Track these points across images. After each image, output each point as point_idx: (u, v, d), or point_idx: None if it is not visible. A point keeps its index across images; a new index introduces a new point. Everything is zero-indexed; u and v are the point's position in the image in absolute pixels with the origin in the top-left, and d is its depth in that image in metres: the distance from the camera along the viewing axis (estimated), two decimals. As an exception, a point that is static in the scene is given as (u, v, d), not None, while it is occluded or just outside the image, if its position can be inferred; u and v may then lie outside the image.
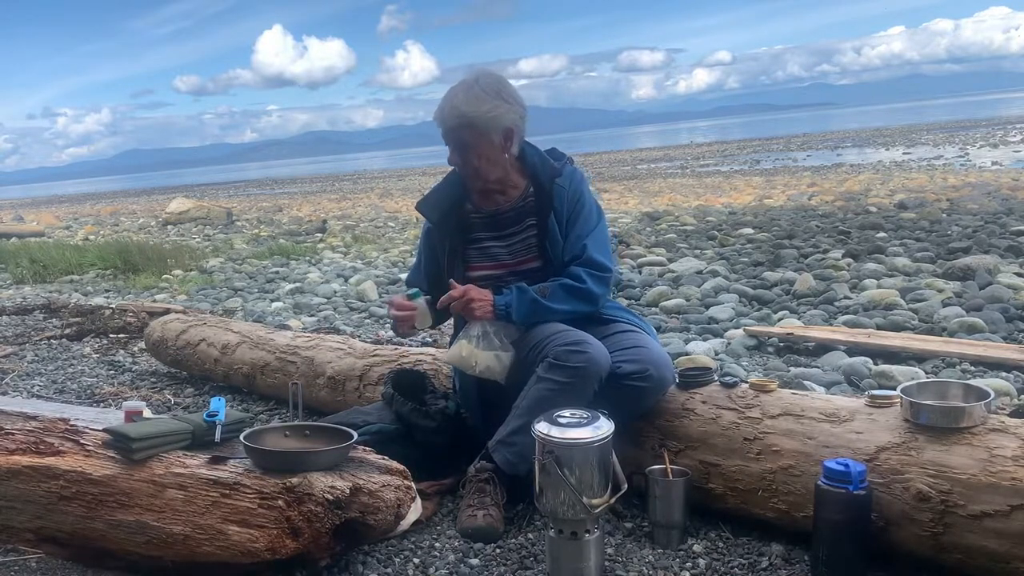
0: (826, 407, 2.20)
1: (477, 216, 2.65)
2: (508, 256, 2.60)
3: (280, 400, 3.67)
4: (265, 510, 1.99)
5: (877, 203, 11.73)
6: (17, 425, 2.36)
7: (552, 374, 2.31)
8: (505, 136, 2.51)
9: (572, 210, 2.55)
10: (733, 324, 5.19)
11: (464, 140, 2.49)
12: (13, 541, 2.31)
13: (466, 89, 2.47)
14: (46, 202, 46.82)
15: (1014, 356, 3.87)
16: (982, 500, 1.82)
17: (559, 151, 2.69)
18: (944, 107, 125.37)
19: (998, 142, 28.29)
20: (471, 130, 2.46)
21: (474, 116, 2.45)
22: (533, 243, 2.58)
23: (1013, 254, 6.99)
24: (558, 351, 2.32)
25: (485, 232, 2.64)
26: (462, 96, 2.46)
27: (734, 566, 2.13)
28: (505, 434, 2.43)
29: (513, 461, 2.40)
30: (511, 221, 2.61)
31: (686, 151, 44.22)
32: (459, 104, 2.45)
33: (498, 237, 2.62)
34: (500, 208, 2.62)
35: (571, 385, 2.28)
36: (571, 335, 2.36)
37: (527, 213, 2.59)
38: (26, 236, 16.89)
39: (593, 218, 2.58)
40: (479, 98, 2.45)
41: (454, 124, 2.47)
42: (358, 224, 15.13)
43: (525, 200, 2.60)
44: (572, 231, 2.54)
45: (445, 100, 2.49)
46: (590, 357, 2.30)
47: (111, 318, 6.15)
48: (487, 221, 2.63)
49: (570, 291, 2.48)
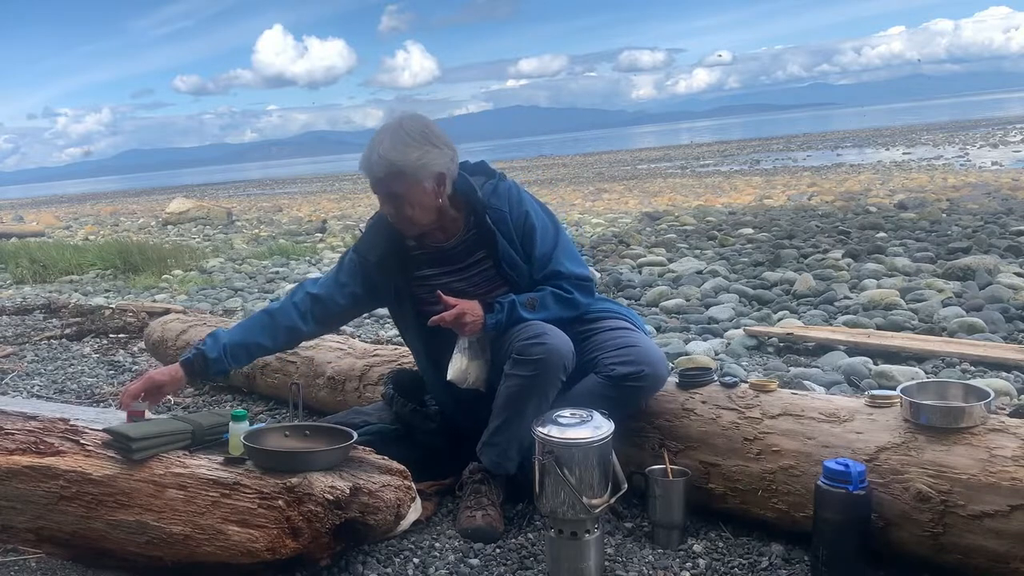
0: (826, 407, 2.20)
1: (421, 252, 2.54)
2: (471, 289, 2.49)
3: (280, 400, 3.67)
4: (265, 510, 2.00)
5: (877, 203, 11.73)
6: (17, 425, 2.36)
7: (516, 369, 2.31)
8: (437, 181, 2.36)
9: (522, 230, 2.45)
10: (733, 324, 5.19)
11: (394, 191, 2.34)
12: (13, 541, 2.31)
13: (392, 136, 2.33)
14: (46, 202, 46.82)
15: (1014, 356, 3.87)
16: (982, 500, 1.82)
17: (488, 166, 2.57)
18: (944, 107, 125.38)
19: (998, 142, 28.28)
20: (401, 180, 2.32)
21: (403, 165, 2.30)
22: (492, 273, 2.50)
23: (1013, 254, 6.99)
24: (519, 346, 2.30)
25: (434, 268, 2.53)
26: (388, 144, 2.31)
27: (734, 566, 2.13)
28: (488, 436, 2.44)
29: (498, 460, 2.41)
30: (461, 255, 2.51)
31: (686, 151, 44.23)
32: (386, 153, 2.30)
33: (453, 271, 2.52)
34: (445, 244, 2.51)
35: (535, 377, 2.27)
36: (531, 329, 2.33)
37: (475, 246, 2.49)
38: (26, 236, 16.90)
39: (550, 231, 2.50)
40: (407, 145, 2.31)
41: (382, 175, 2.33)
42: (358, 224, 15.12)
43: (468, 232, 2.49)
44: (534, 251, 2.45)
45: (370, 149, 2.35)
46: (549, 348, 2.28)
47: (111, 318, 6.16)
48: (435, 257, 2.53)
49: (558, 300, 2.44)
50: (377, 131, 2.41)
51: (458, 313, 2.34)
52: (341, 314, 2.67)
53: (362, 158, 2.38)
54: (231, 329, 2.61)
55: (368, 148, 2.37)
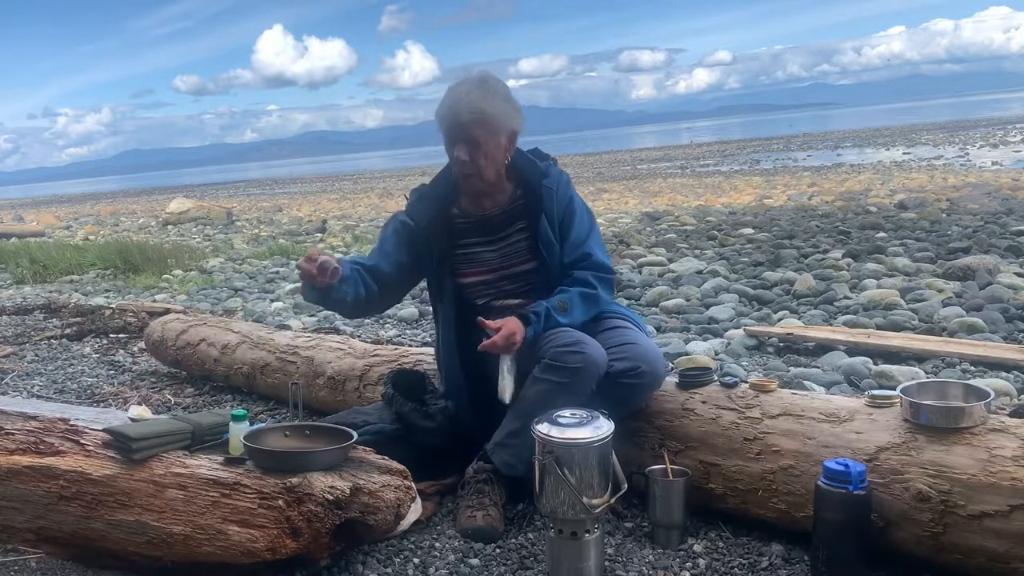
0: (826, 407, 2.20)
1: (464, 221, 2.61)
2: (499, 259, 2.58)
3: (280, 400, 3.67)
4: (265, 510, 2.00)
5: (877, 203, 11.73)
6: (17, 425, 2.36)
7: (549, 375, 2.30)
8: (509, 139, 2.50)
9: (564, 213, 2.53)
10: (733, 324, 5.18)
11: (475, 137, 2.42)
12: (13, 541, 2.31)
13: (479, 87, 2.44)
14: (46, 202, 46.82)
15: (1014, 356, 3.86)
16: (982, 500, 1.82)
17: (542, 151, 2.67)
18: (944, 107, 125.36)
19: (998, 142, 28.28)
20: (484, 127, 2.42)
21: (490, 114, 2.41)
22: (524, 246, 2.56)
23: (1013, 254, 6.99)
24: (554, 351, 2.30)
25: (474, 237, 2.60)
26: (477, 93, 2.42)
27: (734, 566, 2.13)
28: (503, 436, 2.43)
29: (512, 463, 2.40)
30: (500, 225, 2.58)
31: (686, 151, 44.22)
32: (476, 100, 2.40)
33: (488, 242, 2.59)
34: (488, 212, 2.59)
35: (568, 385, 2.26)
36: (567, 335, 2.35)
37: (516, 216, 2.57)
38: (26, 236, 16.90)
39: (587, 220, 2.57)
40: (494, 97, 2.43)
41: (468, 120, 2.41)
42: (358, 224, 15.12)
43: (513, 203, 2.58)
44: (569, 234, 2.52)
45: (455, 95, 2.43)
46: (587, 357, 2.28)
47: (111, 318, 6.16)
48: (475, 226, 2.60)
49: (584, 299, 2.47)
50: (456, 84, 2.48)
51: (507, 335, 2.31)
52: (387, 284, 2.64)
53: (441, 106, 2.44)
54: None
55: (450, 97, 2.44)
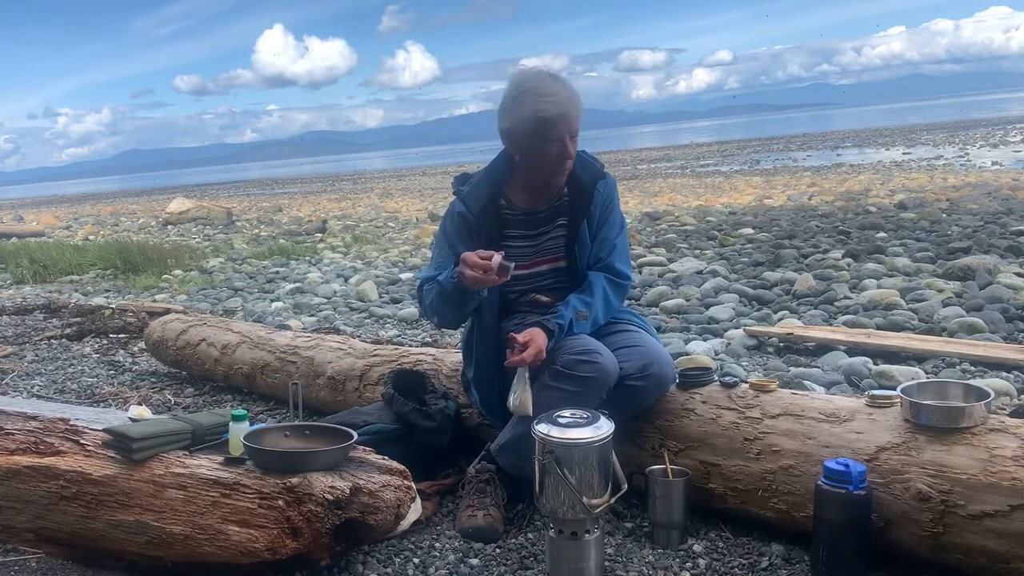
0: (826, 407, 2.20)
1: (511, 213, 2.57)
2: (534, 254, 2.56)
3: (280, 400, 3.67)
4: (265, 510, 1.99)
5: (877, 203, 11.73)
6: (17, 425, 2.36)
7: (560, 383, 2.28)
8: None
9: (603, 214, 2.54)
10: (733, 324, 5.19)
11: (573, 129, 2.41)
12: (13, 541, 2.31)
13: (562, 82, 2.42)
14: (46, 202, 46.81)
15: (1014, 356, 3.87)
16: (982, 500, 1.82)
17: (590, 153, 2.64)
18: (944, 107, 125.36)
19: (998, 142, 28.28)
20: (577, 120, 2.42)
21: (580, 106, 2.43)
22: (561, 243, 2.56)
23: (1013, 254, 6.99)
24: (566, 360, 2.28)
25: (517, 230, 2.58)
26: (565, 88, 2.40)
27: (734, 566, 2.13)
28: (509, 439, 2.42)
29: (519, 465, 2.38)
30: (544, 220, 2.56)
31: (686, 151, 44.23)
32: (570, 94, 2.40)
33: (528, 236, 2.57)
34: (537, 207, 2.56)
35: (578, 395, 2.22)
36: (580, 342, 2.33)
37: (560, 212, 2.56)
38: (26, 236, 16.89)
39: (618, 224, 2.58)
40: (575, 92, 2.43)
41: (569, 112, 2.38)
42: (358, 224, 15.13)
43: (560, 199, 2.56)
44: (600, 234, 2.53)
45: (546, 89, 2.38)
46: (599, 367, 2.26)
47: (111, 318, 6.16)
48: (521, 219, 2.57)
49: (605, 304, 2.48)
50: (534, 80, 2.42)
51: (536, 352, 2.28)
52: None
53: (536, 101, 2.36)
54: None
55: (539, 92, 2.37)
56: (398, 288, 7.48)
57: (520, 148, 2.46)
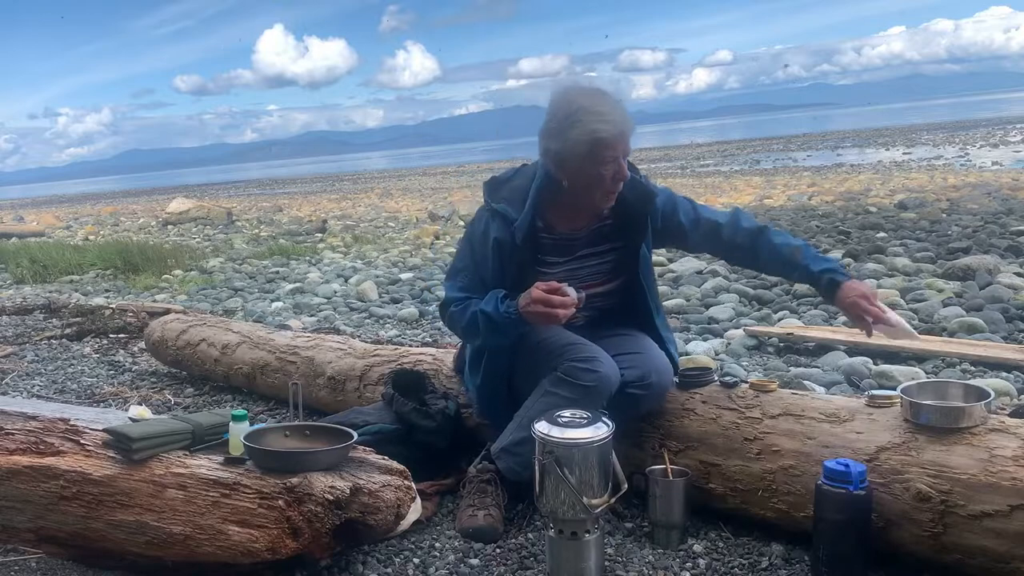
0: (826, 407, 2.20)
1: (548, 237, 2.43)
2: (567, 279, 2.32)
3: (280, 400, 3.67)
4: (265, 510, 2.00)
5: (877, 203, 11.73)
6: (17, 425, 2.36)
7: (560, 389, 2.28)
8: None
9: (672, 219, 2.48)
10: (733, 324, 5.19)
11: (629, 148, 2.31)
12: (13, 541, 2.31)
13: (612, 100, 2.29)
14: (46, 202, 46.81)
15: (1014, 356, 3.86)
16: (982, 500, 1.82)
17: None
18: (944, 107, 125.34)
19: (998, 142, 28.28)
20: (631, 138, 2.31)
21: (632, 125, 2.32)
22: (607, 268, 2.48)
23: (1013, 254, 6.98)
24: (568, 366, 2.27)
25: (553, 256, 2.45)
26: (622, 107, 2.29)
27: (734, 566, 2.13)
28: (509, 442, 2.42)
29: (517, 469, 2.38)
30: (583, 244, 2.46)
31: (686, 151, 44.22)
32: (626, 113, 2.29)
33: (562, 262, 2.45)
34: (577, 231, 2.45)
35: (578, 402, 2.19)
36: (584, 349, 2.31)
37: (603, 236, 2.46)
38: (26, 236, 16.88)
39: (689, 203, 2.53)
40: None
41: (627, 131, 2.28)
42: (358, 224, 15.13)
43: (602, 222, 2.45)
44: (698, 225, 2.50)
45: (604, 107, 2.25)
46: (600, 376, 2.25)
47: (111, 318, 6.15)
48: (558, 244, 2.45)
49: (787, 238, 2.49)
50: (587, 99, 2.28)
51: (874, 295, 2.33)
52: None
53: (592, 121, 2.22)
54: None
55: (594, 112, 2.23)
56: (398, 288, 7.48)
57: (571, 171, 2.30)
